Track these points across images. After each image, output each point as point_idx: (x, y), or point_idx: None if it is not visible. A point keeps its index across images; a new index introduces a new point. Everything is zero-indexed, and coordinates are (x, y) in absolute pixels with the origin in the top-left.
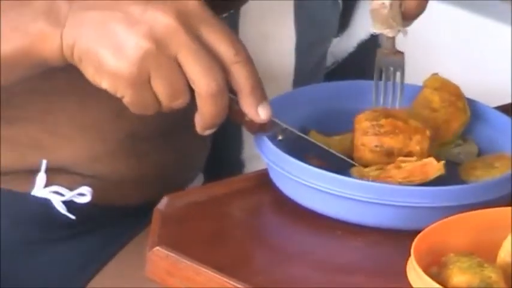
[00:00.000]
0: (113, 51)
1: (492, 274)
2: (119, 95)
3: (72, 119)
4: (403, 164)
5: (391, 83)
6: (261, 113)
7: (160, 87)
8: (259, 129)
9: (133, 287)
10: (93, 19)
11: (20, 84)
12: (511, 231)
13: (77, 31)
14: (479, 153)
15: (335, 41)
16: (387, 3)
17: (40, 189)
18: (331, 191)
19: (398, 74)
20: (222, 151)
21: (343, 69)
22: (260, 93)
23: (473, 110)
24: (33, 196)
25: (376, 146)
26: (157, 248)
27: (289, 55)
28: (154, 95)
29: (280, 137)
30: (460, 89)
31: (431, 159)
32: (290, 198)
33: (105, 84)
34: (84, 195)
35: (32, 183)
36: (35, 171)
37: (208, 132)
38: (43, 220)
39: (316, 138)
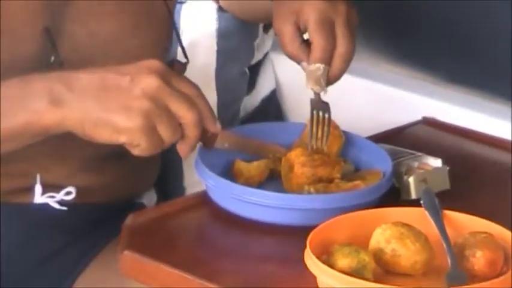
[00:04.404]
0: (125, 116)
1: (366, 257)
2: (135, 144)
3: (53, 152)
4: (340, 184)
5: (322, 124)
6: (218, 126)
7: (164, 130)
8: (213, 142)
9: (111, 279)
10: (94, 96)
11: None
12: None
13: (83, 107)
14: (356, 170)
15: (245, 98)
16: (322, 67)
17: (39, 197)
18: (253, 201)
19: (326, 115)
20: (169, 180)
21: (252, 119)
22: (214, 115)
23: (350, 139)
24: (34, 203)
25: (313, 175)
26: (126, 251)
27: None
28: (160, 137)
29: (226, 145)
30: (335, 122)
31: (359, 182)
32: (223, 209)
33: (123, 139)
34: (70, 193)
35: (31, 196)
36: (30, 188)
37: (189, 154)
38: (43, 223)
39: (239, 165)
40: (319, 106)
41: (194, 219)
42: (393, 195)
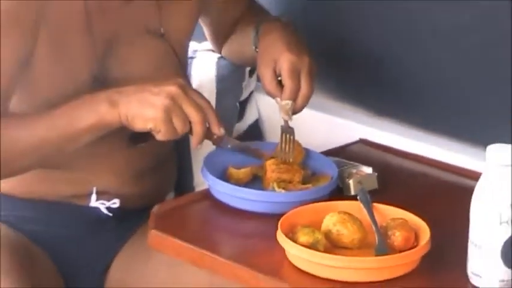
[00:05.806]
0: (152, 109)
1: (319, 235)
2: (157, 130)
3: (107, 167)
4: (296, 185)
5: (289, 142)
6: (221, 130)
7: (178, 122)
8: (219, 142)
9: (142, 256)
10: (135, 99)
11: (83, 150)
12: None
13: (128, 107)
14: (312, 174)
15: (237, 125)
16: (290, 103)
17: (94, 202)
18: (240, 197)
19: (291, 137)
20: (183, 182)
21: (242, 139)
22: (219, 122)
23: (309, 153)
24: (89, 206)
25: (278, 178)
26: (153, 231)
27: None
28: (174, 127)
29: (229, 146)
30: (298, 141)
31: (310, 185)
32: (221, 202)
33: (150, 126)
34: (115, 203)
35: (87, 200)
36: (87, 194)
37: (199, 146)
38: (94, 219)
39: (231, 170)
40: (287, 130)
41: (200, 209)
42: (338, 192)
